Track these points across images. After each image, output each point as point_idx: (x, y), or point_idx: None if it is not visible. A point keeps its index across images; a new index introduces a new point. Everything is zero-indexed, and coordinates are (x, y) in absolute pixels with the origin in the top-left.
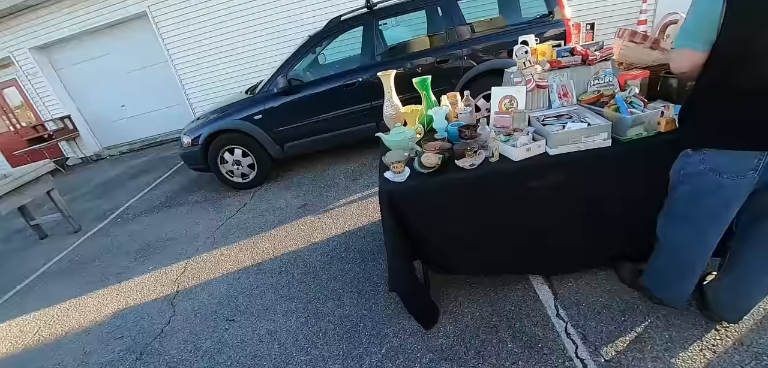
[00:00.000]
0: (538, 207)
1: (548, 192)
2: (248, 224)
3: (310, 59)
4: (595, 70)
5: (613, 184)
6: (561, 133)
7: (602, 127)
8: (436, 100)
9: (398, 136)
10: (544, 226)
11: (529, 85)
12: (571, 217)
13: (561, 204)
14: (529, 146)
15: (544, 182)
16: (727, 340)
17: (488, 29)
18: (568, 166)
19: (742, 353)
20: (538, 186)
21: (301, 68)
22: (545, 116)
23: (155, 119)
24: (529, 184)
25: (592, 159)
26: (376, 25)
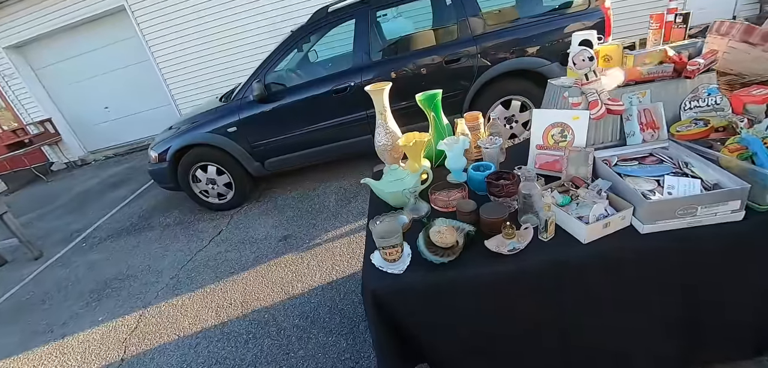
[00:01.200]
0: (616, 314)
1: (633, 294)
2: (220, 261)
3: (296, 59)
4: (694, 87)
5: (740, 276)
6: (662, 202)
7: (733, 191)
8: (449, 123)
9: (393, 183)
10: (622, 340)
11: (596, 108)
12: (666, 324)
13: (652, 307)
14: (607, 220)
15: (631, 276)
16: None
17: (506, 21)
18: (670, 253)
19: None
20: (620, 283)
21: (283, 70)
22: (620, 158)
23: (140, 121)
24: (605, 281)
25: (710, 240)
26: (371, 16)
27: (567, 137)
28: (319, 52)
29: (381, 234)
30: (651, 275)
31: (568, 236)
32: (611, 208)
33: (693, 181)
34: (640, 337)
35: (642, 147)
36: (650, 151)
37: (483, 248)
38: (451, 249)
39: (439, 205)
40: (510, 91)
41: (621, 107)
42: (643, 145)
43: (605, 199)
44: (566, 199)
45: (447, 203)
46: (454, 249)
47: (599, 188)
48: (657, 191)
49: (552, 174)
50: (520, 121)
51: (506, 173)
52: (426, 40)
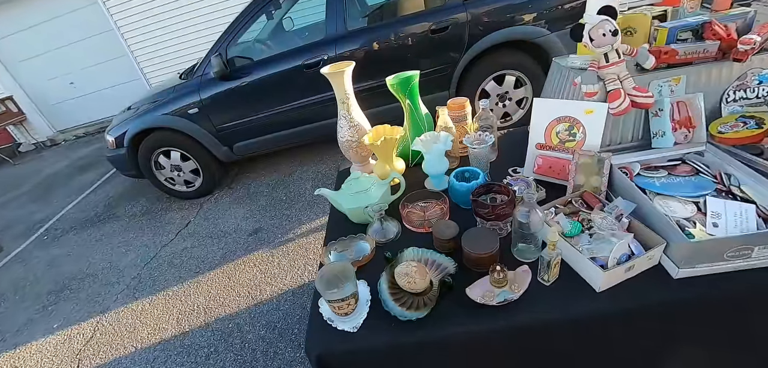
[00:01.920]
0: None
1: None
2: (185, 258)
3: (268, 28)
4: (742, 73)
5: None
6: (709, 243)
7: None
8: (430, 113)
9: (355, 196)
10: None
11: (618, 100)
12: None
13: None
14: (631, 263)
15: (655, 330)
16: None
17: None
18: (710, 302)
19: None
20: (641, 338)
21: (250, 41)
22: (644, 165)
23: (110, 97)
24: (623, 337)
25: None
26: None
27: (576, 136)
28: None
29: (326, 285)
30: (682, 329)
31: (575, 277)
32: (634, 240)
33: (745, 208)
34: None
35: (673, 151)
36: (682, 157)
37: (464, 298)
38: (422, 296)
39: (413, 224)
40: (503, 65)
41: (650, 99)
42: (675, 150)
43: (627, 232)
44: (576, 227)
45: (423, 221)
46: (427, 296)
47: (620, 212)
48: (696, 218)
49: (554, 181)
50: (514, 98)
51: (498, 186)
52: (411, 6)
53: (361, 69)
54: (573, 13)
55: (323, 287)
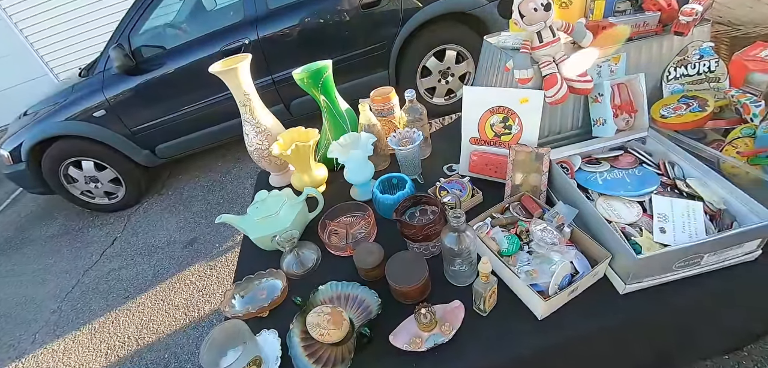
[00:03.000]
0: None
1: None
2: (112, 281)
3: (185, 9)
4: (682, 47)
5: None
6: (657, 258)
7: (757, 229)
8: (352, 108)
9: (262, 223)
10: None
11: (554, 87)
12: None
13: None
14: (575, 285)
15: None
16: None
17: None
18: (658, 313)
19: None
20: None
21: (161, 26)
22: (584, 158)
23: (16, 97)
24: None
25: (713, 286)
26: None
27: (513, 129)
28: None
29: (216, 356)
30: (629, 338)
31: (515, 302)
32: (582, 258)
33: (692, 206)
34: None
35: (614, 140)
36: (624, 145)
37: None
38: (341, 345)
39: (333, 248)
40: (443, 40)
41: (589, 84)
42: (616, 138)
43: (569, 243)
44: (514, 244)
45: (346, 242)
46: (347, 345)
47: (561, 221)
48: (642, 222)
49: (492, 180)
50: (456, 74)
51: (426, 197)
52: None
53: (291, 53)
54: None
55: (211, 361)
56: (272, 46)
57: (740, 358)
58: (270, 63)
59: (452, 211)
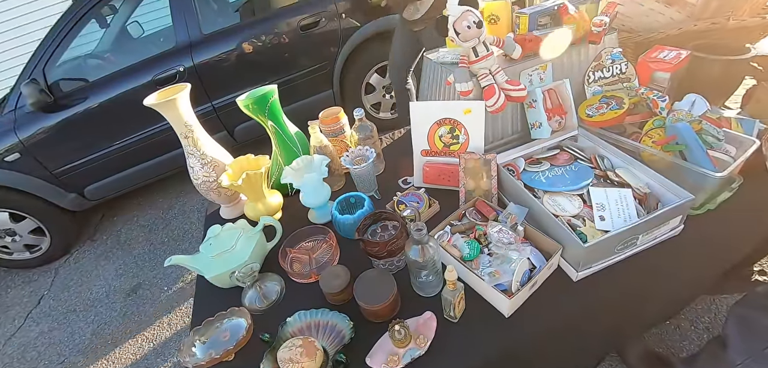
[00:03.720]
0: None
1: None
2: (42, 346)
3: (108, 38)
4: (597, 53)
5: (673, 277)
6: (600, 244)
7: (679, 206)
8: (301, 130)
9: (217, 260)
10: None
11: (493, 97)
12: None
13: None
14: (535, 279)
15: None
16: None
17: None
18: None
19: None
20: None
21: (82, 57)
22: (527, 160)
23: None
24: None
25: (649, 261)
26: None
27: (460, 138)
28: (148, 23)
29: None
30: (586, 321)
31: (482, 304)
32: (538, 253)
33: (624, 193)
34: None
35: (551, 140)
36: (560, 144)
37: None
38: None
39: (297, 276)
40: (384, 56)
41: (523, 92)
42: (552, 138)
43: (524, 240)
44: (474, 248)
45: (310, 269)
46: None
47: (514, 221)
48: (584, 213)
49: (447, 188)
50: None
51: (386, 213)
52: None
53: (231, 78)
54: None
55: None
56: (210, 71)
57: (679, 321)
58: (209, 89)
59: (414, 224)
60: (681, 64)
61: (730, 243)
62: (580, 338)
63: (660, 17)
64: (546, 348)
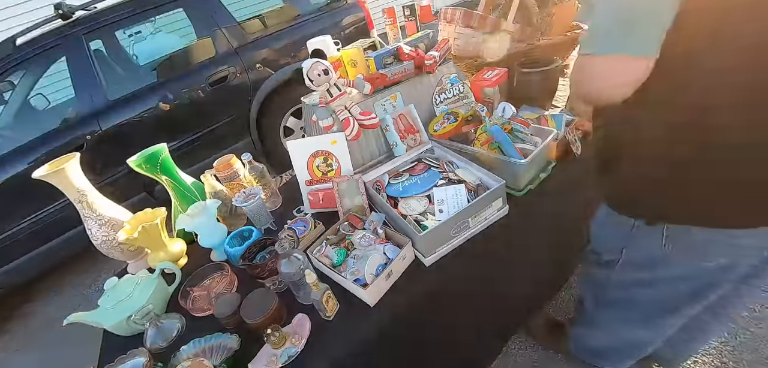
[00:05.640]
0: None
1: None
2: None
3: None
4: (438, 80)
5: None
6: (436, 231)
7: (493, 191)
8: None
9: (116, 307)
10: None
11: (349, 127)
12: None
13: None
14: (389, 269)
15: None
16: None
17: (272, 26)
18: (459, 274)
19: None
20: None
21: None
22: (391, 174)
23: None
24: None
25: (488, 245)
26: (87, 46)
27: (333, 165)
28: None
29: None
30: (445, 300)
31: (353, 300)
32: (394, 248)
33: (458, 188)
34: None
35: (409, 156)
36: (419, 157)
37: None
38: None
39: (197, 311)
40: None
41: (375, 120)
42: (410, 154)
43: (385, 241)
44: (341, 254)
45: (210, 301)
46: None
47: (374, 226)
48: (429, 210)
49: (331, 210)
50: None
51: (271, 241)
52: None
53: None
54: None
55: None
56: (121, 136)
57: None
58: (122, 153)
59: (278, 243)
60: (501, 79)
61: (551, 214)
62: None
63: (488, 45)
64: (412, 330)
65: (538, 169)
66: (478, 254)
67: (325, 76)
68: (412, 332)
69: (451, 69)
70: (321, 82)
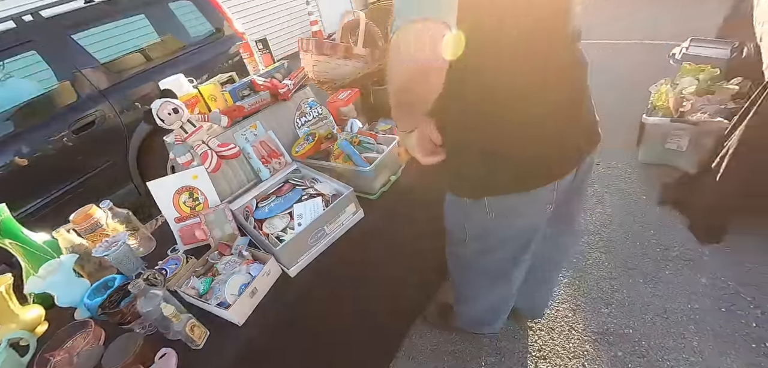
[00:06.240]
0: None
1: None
2: None
3: None
4: (297, 105)
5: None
6: (293, 241)
7: (342, 199)
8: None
9: None
10: None
11: (207, 160)
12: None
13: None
14: (252, 287)
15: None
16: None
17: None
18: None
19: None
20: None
21: None
22: (259, 199)
23: None
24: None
25: (351, 248)
26: None
27: (200, 199)
28: None
29: None
30: (323, 307)
31: (222, 324)
32: (259, 266)
33: (315, 201)
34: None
35: (275, 178)
36: (286, 178)
37: None
38: None
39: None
40: None
41: (235, 150)
42: (275, 176)
43: (251, 262)
44: (207, 284)
45: (71, 361)
46: None
47: (240, 249)
48: (290, 225)
49: (203, 244)
50: None
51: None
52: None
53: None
54: None
55: None
56: None
57: None
58: None
59: (132, 283)
60: (352, 98)
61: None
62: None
63: (346, 68)
64: (286, 335)
65: (389, 172)
66: (344, 257)
67: (176, 115)
68: (287, 342)
69: (309, 94)
70: (172, 120)
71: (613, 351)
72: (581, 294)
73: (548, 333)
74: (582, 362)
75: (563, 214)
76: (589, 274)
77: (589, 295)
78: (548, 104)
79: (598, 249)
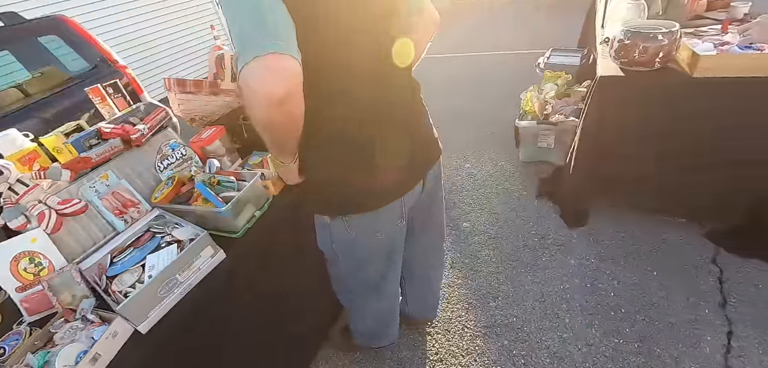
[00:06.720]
0: None
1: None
2: None
3: None
4: (158, 148)
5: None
6: (138, 296)
7: (198, 242)
8: None
9: None
10: None
11: (45, 220)
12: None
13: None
14: (93, 352)
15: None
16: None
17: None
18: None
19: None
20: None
21: None
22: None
23: None
24: None
25: (215, 293)
26: None
27: (43, 263)
28: None
29: None
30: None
31: None
32: (103, 328)
33: (170, 249)
34: None
35: (134, 228)
36: (148, 226)
37: None
38: None
39: None
40: None
41: (79, 205)
42: (134, 226)
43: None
44: (42, 358)
45: None
46: None
47: (84, 313)
48: (142, 278)
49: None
50: None
51: None
52: None
53: None
54: None
55: None
56: None
57: None
58: None
59: None
60: (216, 135)
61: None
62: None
63: (216, 103)
64: None
65: (253, 207)
66: (205, 303)
67: (2, 176)
68: None
69: (172, 135)
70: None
71: (501, 341)
72: (472, 292)
73: (444, 335)
74: (473, 357)
75: (425, 221)
76: (479, 272)
77: (479, 292)
78: (388, 124)
79: (487, 246)
